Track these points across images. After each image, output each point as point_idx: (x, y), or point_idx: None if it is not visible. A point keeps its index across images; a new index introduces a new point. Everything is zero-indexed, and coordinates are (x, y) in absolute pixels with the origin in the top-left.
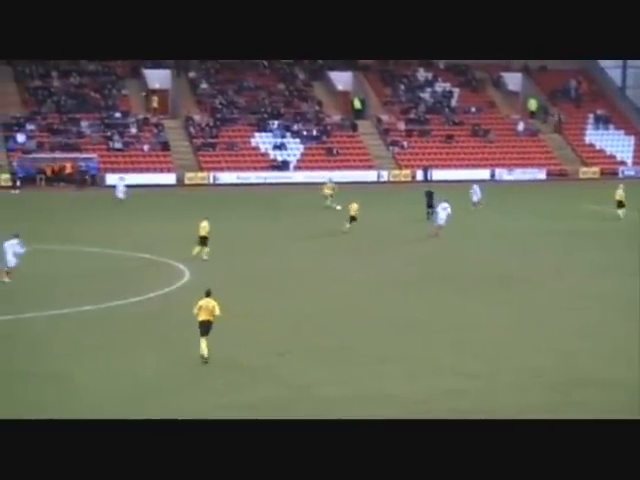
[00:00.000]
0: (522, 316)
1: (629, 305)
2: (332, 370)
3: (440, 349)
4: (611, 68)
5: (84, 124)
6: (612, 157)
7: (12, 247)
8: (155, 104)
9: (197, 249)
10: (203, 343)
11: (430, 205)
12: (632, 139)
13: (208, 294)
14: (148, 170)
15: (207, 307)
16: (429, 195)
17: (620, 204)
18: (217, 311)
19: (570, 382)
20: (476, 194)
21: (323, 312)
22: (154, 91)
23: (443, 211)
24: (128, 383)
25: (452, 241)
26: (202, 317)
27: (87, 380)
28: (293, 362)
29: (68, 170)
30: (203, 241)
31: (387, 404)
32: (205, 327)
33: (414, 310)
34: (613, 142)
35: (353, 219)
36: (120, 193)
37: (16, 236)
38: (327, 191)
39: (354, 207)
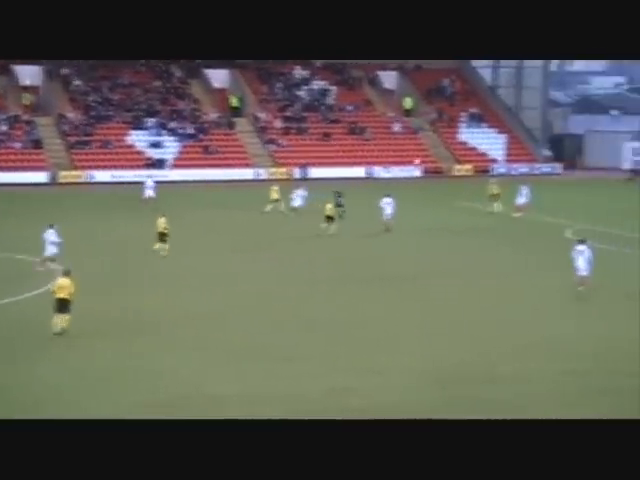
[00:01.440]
0: (420, 314)
1: (525, 301)
2: (229, 369)
3: (340, 347)
4: (482, 68)
5: None
6: (484, 155)
7: (50, 237)
8: (26, 101)
9: (157, 245)
10: (57, 319)
11: (339, 204)
12: (503, 137)
13: (66, 274)
14: (20, 169)
15: (64, 286)
16: (337, 195)
17: (494, 197)
18: (72, 289)
19: (463, 380)
20: (299, 197)
21: (227, 311)
22: (25, 88)
23: (388, 206)
24: (36, 384)
25: (346, 240)
26: (59, 295)
27: None
28: (190, 361)
29: None
30: (162, 237)
31: (277, 403)
32: (62, 304)
33: (319, 309)
34: (485, 140)
35: (330, 218)
36: (150, 190)
37: (51, 227)
38: (274, 195)
39: (329, 207)
